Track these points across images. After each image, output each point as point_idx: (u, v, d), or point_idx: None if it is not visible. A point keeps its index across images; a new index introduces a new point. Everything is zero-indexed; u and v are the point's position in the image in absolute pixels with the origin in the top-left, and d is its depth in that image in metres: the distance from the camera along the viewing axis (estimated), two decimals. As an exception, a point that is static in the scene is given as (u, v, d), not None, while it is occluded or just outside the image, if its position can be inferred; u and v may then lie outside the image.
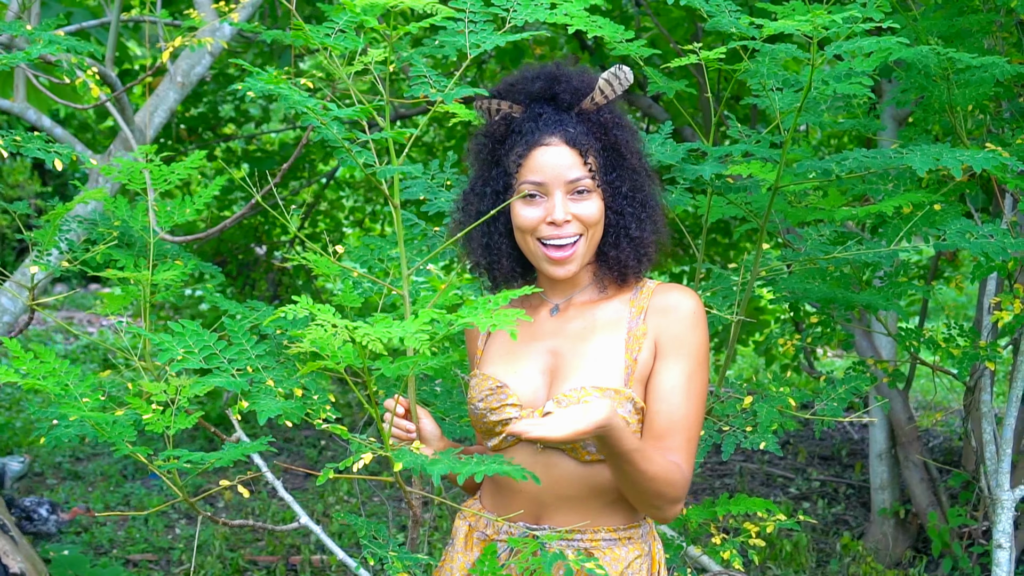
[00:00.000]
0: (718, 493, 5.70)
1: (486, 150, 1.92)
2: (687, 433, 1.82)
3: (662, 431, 1.82)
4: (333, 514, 1.96)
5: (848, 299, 2.67)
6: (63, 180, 11.14)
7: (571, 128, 1.84)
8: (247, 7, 3.67)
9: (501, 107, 1.90)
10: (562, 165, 1.83)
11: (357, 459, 1.74)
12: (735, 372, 8.57)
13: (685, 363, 1.83)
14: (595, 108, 1.88)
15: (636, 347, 1.84)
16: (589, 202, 1.84)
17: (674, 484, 1.78)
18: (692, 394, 1.83)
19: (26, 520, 4.76)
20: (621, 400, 1.81)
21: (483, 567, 1.71)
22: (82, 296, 11.56)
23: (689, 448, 1.82)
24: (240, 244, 7.46)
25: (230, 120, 7.33)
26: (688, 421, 1.82)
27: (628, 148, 1.89)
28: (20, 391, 7.67)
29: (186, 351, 1.90)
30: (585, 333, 1.88)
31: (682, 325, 1.85)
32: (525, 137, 1.85)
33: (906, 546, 4.71)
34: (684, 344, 1.84)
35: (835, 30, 2.00)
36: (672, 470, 1.78)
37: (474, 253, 1.96)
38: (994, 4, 2.77)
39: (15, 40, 3.29)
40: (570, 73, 1.89)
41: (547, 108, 1.86)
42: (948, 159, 2.08)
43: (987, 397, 3.22)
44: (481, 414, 1.88)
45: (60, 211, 2.20)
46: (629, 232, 1.88)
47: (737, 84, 2.37)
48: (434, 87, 1.94)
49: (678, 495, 1.80)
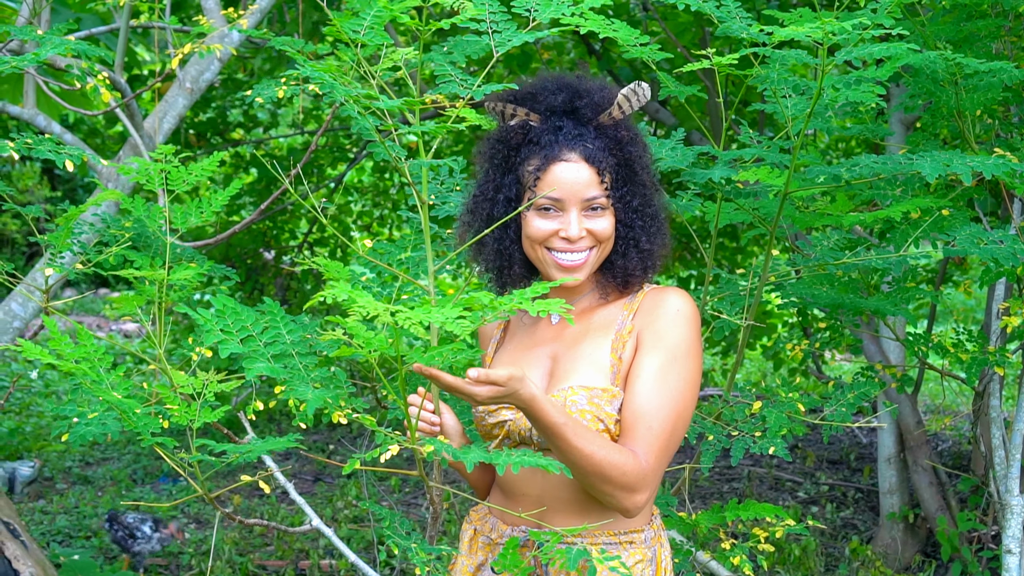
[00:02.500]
0: (727, 498, 5.69)
1: (500, 155, 1.92)
2: (650, 423, 1.79)
3: (627, 420, 1.80)
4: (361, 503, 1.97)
5: (856, 304, 2.67)
6: (72, 185, 11.17)
7: (590, 144, 1.85)
8: (256, 13, 3.69)
9: (517, 113, 1.89)
10: (580, 182, 1.84)
11: (384, 450, 1.75)
12: (743, 377, 8.57)
13: (660, 356, 1.82)
14: (612, 123, 1.89)
15: (621, 346, 1.86)
16: (602, 219, 1.86)
17: (622, 469, 1.74)
18: (663, 387, 1.80)
19: (129, 538, 4.61)
20: (607, 398, 1.82)
21: (504, 561, 1.72)
22: (91, 300, 11.59)
23: (650, 439, 1.78)
24: (249, 249, 7.48)
25: (239, 125, 7.36)
26: (653, 411, 1.79)
27: (640, 164, 1.91)
28: (30, 396, 7.70)
29: (224, 331, 1.88)
30: (580, 337, 1.90)
31: (663, 320, 1.84)
32: (544, 150, 1.85)
33: (915, 550, 4.71)
34: (662, 338, 1.83)
35: (845, 36, 2.00)
36: (621, 455, 1.74)
37: (485, 258, 1.97)
38: (1002, 8, 2.76)
39: (25, 46, 3.31)
40: (591, 87, 1.90)
41: (567, 121, 1.86)
42: (958, 165, 2.08)
43: (996, 402, 3.22)
44: (481, 416, 1.93)
45: (74, 213, 2.21)
46: (639, 244, 1.90)
47: (746, 89, 2.37)
48: (462, 85, 1.96)
49: (629, 483, 1.75)
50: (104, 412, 2.00)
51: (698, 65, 2.08)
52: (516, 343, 1.99)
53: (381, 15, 1.85)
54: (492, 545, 1.94)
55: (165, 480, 5.97)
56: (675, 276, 6.94)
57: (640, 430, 1.79)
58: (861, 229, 3.52)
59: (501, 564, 1.72)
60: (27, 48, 3.31)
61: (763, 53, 2.16)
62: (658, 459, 1.79)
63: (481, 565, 1.96)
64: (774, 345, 6.27)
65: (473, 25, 1.97)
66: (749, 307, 2.51)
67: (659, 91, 2.54)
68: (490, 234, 1.94)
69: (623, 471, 1.74)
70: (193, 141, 6.91)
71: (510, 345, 2.00)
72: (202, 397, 1.91)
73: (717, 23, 2.24)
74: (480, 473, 2.03)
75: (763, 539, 2.68)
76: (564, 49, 6.42)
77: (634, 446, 1.78)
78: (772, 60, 2.26)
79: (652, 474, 1.78)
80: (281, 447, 1.83)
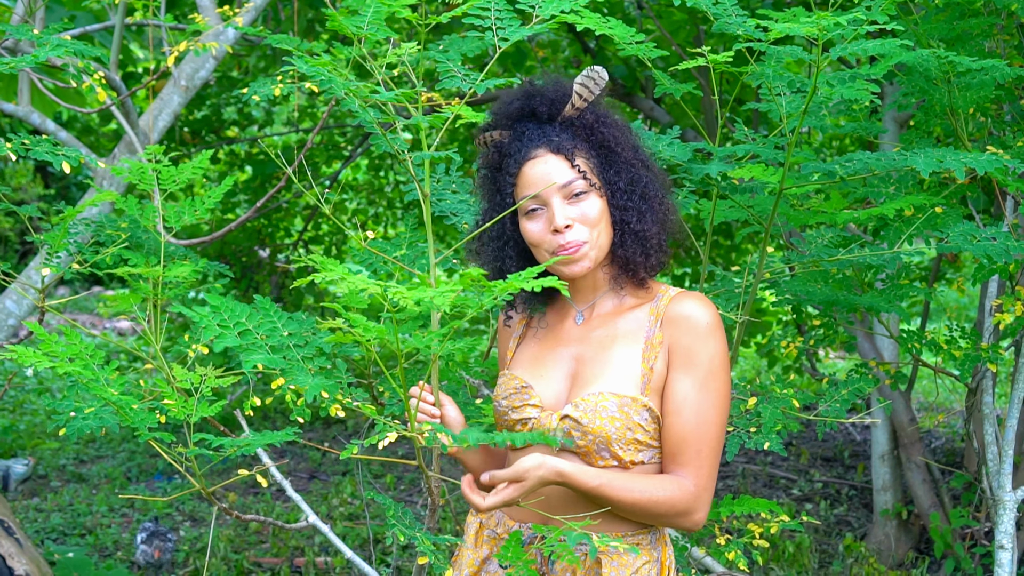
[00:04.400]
0: (721, 494, 5.71)
1: (488, 181, 1.98)
2: (697, 445, 1.83)
3: (672, 446, 1.84)
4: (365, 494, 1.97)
5: (850, 301, 2.68)
6: (66, 183, 11.16)
7: (554, 136, 1.88)
8: (251, 11, 3.69)
9: (493, 137, 1.94)
10: (551, 173, 1.86)
11: (382, 437, 1.76)
12: (738, 374, 8.59)
13: (695, 375, 1.84)
14: (577, 113, 1.91)
15: (652, 356, 1.86)
16: (587, 202, 1.86)
17: (671, 502, 1.80)
18: (703, 407, 1.84)
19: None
20: (637, 408, 1.83)
21: (507, 553, 1.73)
22: (85, 299, 11.58)
23: (699, 461, 1.83)
24: (244, 247, 7.48)
25: (233, 123, 7.35)
26: (699, 433, 1.83)
27: (618, 143, 1.91)
28: (24, 393, 7.69)
29: (221, 325, 1.89)
30: (607, 341, 1.91)
31: (692, 336, 1.85)
32: (513, 156, 1.90)
33: (908, 547, 4.72)
34: (694, 356, 1.85)
35: (839, 32, 2.01)
36: (665, 489, 1.80)
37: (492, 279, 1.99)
38: (995, 7, 2.78)
39: (19, 44, 3.31)
40: (544, 86, 1.93)
41: (529, 125, 1.90)
42: (951, 161, 2.10)
43: (989, 399, 3.23)
44: (504, 411, 1.93)
45: (71, 213, 2.22)
46: (631, 226, 1.90)
47: (740, 87, 2.38)
48: (465, 79, 1.97)
49: (680, 509, 1.82)
50: (101, 408, 2.01)
51: (693, 63, 2.09)
52: (538, 341, 2.00)
53: (380, 10, 1.86)
54: (497, 539, 1.95)
55: (160, 478, 5.97)
56: (671, 273, 6.95)
57: (689, 454, 1.83)
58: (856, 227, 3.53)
59: (504, 556, 1.73)
60: (22, 46, 3.31)
61: (758, 50, 2.16)
62: (709, 477, 1.85)
63: (487, 558, 1.97)
64: (768, 342, 6.28)
65: (476, 21, 1.98)
66: (744, 304, 2.52)
67: (655, 89, 2.54)
68: (490, 253, 1.97)
69: (672, 503, 1.81)
70: (188, 139, 6.91)
71: (532, 343, 2.01)
72: (199, 392, 1.91)
73: (712, 19, 2.25)
74: (483, 466, 2.04)
75: (758, 535, 2.69)
76: (559, 47, 6.43)
77: (684, 471, 1.83)
78: (767, 57, 2.26)
79: (705, 492, 1.84)
80: (279, 440, 1.83)
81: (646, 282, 1.93)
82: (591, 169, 1.88)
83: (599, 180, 1.89)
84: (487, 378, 2.91)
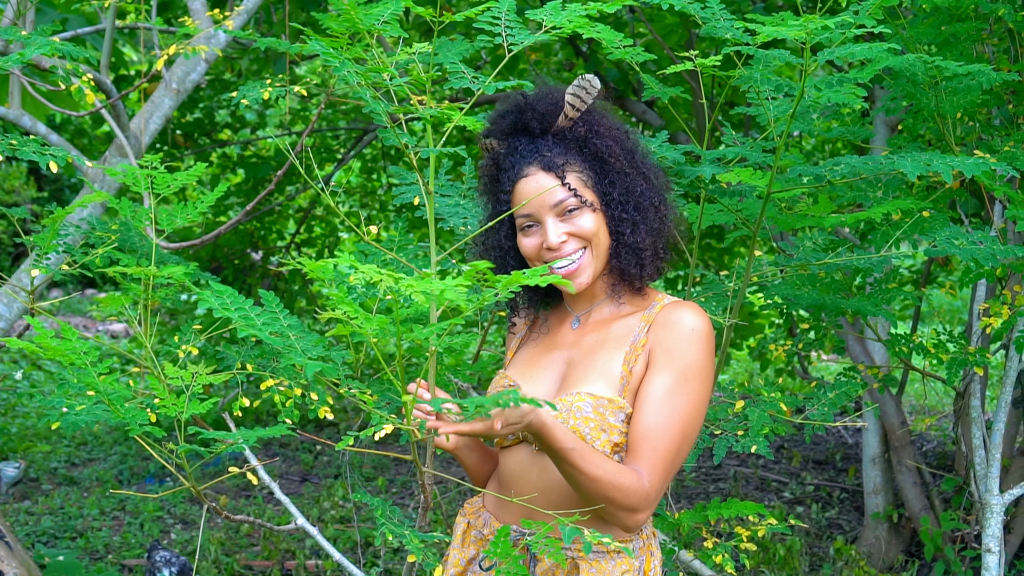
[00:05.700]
0: (712, 497, 5.71)
1: (487, 189, 2.00)
2: (655, 444, 1.81)
3: (633, 439, 1.83)
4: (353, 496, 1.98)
5: (838, 305, 2.69)
6: (59, 186, 11.14)
7: (546, 153, 1.88)
8: (242, 14, 3.69)
9: (492, 144, 1.96)
10: (543, 192, 1.86)
11: (379, 429, 1.76)
12: (729, 377, 8.60)
13: (670, 376, 1.83)
14: (570, 124, 1.91)
15: (633, 359, 1.87)
16: (581, 218, 1.88)
17: (625, 490, 1.77)
18: (671, 408, 1.82)
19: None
20: (613, 409, 1.83)
21: (495, 550, 1.73)
22: (77, 301, 11.56)
23: (654, 459, 1.80)
24: (236, 249, 7.47)
25: (226, 126, 7.35)
26: (657, 432, 1.81)
27: (612, 153, 1.91)
28: (15, 396, 7.68)
29: (222, 307, 1.89)
30: (596, 346, 1.92)
31: (675, 338, 1.85)
32: (507, 172, 1.91)
33: (899, 550, 4.73)
34: (673, 357, 1.84)
35: (828, 35, 2.02)
36: (626, 476, 1.77)
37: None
38: (983, 12, 2.79)
39: (10, 46, 3.31)
40: (535, 99, 1.93)
41: (522, 139, 1.91)
42: (938, 165, 2.10)
43: (977, 402, 3.24)
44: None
45: (60, 214, 2.22)
46: (625, 238, 1.91)
47: (731, 90, 2.38)
48: (475, 81, 1.99)
49: (632, 503, 1.78)
50: (93, 405, 2.01)
51: (682, 66, 2.10)
52: (536, 345, 2.03)
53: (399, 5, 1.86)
54: (484, 540, 1.96)
55: (151, 481, 5.96)
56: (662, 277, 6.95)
57: (645, 450, 1.81)
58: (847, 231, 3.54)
59: (492, 552, 1.74)
60: (12, 49, 3.31)
61: (747, 53, 2.17)
62: (661, 480, 1.81)
63: (472, 559, 1.97)
64: (758, 345, 6.29)
65: (487, 27, 1.98)
66: (732, 307, 2.53)
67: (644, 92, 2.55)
68: (492, 263, 1.98)
69: (626, 493, 1.77)
70: (180, 142, 6.90)
71: (530, 346, 2.04)
72: (190, 390, 1.92)
73: (701, 23, 2.26)
74: (479, 464, 2.06)
75: (746, 538, 2.69)
76: (552, 51, 6.44)
77: (638, 465, 1.80)
78: (756, 60, 2.27)
79: (654, 494, 1.81)
80: (271, 435, 1.84)
81: (643, 290, 1.95)
82: (584, 183, 1.89)
83: (592, 193, 1.89)
84: (475, 382, 2.91)
